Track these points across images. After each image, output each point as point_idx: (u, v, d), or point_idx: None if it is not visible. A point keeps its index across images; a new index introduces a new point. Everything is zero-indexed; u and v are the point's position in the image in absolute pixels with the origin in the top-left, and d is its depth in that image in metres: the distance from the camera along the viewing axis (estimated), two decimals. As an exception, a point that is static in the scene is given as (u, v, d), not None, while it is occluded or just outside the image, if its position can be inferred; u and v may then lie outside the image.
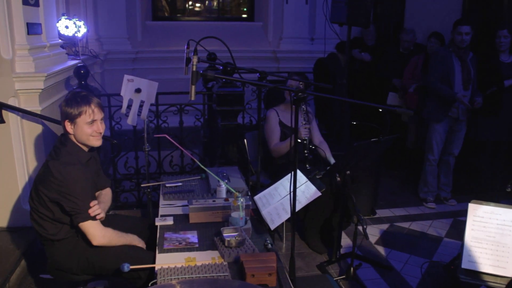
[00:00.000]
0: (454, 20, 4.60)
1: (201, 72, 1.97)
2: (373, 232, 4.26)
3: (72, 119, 2.38)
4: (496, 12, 5.32)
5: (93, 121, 2.41)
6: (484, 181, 5.07)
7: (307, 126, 3.83)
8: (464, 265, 2.74)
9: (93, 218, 2.37)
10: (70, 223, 2.41)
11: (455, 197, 4.98)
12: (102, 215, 2.46)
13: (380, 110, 4.32)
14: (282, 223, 3.07)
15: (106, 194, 2.76)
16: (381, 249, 3.99)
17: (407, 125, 5.50)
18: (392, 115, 5.20)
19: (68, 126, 2.40)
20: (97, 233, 2.40)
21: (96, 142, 2.47)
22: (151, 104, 3.52)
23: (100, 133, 2.47)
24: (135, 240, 2.58)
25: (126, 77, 3.43)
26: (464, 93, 4.50)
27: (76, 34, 4.99)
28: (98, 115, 2.44)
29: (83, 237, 2.43)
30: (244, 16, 7.54)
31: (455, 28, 4.48)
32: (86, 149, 2.50)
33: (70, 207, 2.31)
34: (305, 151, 3.81)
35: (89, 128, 2.41)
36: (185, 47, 2.86)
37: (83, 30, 5.21)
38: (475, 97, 4.51)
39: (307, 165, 3.73)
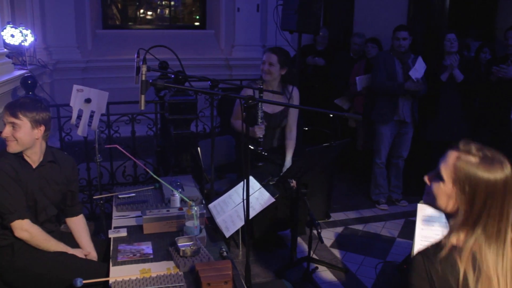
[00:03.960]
0: (400, 26, 4.79)
1: (151, 81, 1.95)
2: (328, 236, 4.33)
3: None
4: (439, 18, 5.53)
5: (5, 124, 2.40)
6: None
7: (262, 126, 3.82)
8: (415, 264, 2.82)
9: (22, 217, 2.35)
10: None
11: (406, 198, 5.12)
12: (94, 254, 2.53)
13: (331, 115, 4.40)
14: (238, 230, 3.08)
15: (78, 224, 2.76)
16: (336, 252, 4.06)
17: (357, 129, 5.64)
18: (342, 120, 5.31)
19: None
20: (23, 226, 2.38)
21: (9, 148, 2.41)
22: (102, 114, 3.46)
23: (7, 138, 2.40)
24: (75, 251, 2.55)
25: (75, 87, 3.36)
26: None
27: (22, 43, 4.84)
28: (8, 118, 2.39)
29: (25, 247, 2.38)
30: (197, 24, 7.53)
31: (394, 34, 4.70)
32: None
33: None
34: (259, 148, 3.84)
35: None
36: (136, 56, 2.83)
37: (30, 39, 5.06)
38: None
39: (259, 163, 3.74)
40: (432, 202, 1.50)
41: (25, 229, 2.38)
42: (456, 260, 1.35)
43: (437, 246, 1.42)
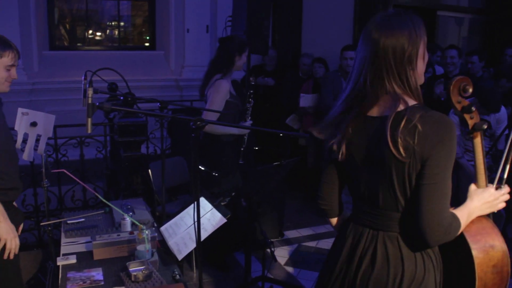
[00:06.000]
0: (346, 47, 4.95)
1: (98, 104, 1.93)
2: (282, 254, 4.36)
3: None
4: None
5: (11, 65, 2.42)
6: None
7: (251, 122, 3.98)
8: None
9: None
10: None
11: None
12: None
13: (281, 135, 4.48)
14: (191, 252, 3.06)
15: None
16: (291, 270, 4.09)
17: (307, 147, 5.74)
18: (292, 138, 5.40)
19: None
20: None
21: (7, 88, 2.50)
22: (49, 138, 3.38)
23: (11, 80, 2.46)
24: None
25: (20, 110, 3.27)
26: None
27: (-37, 66, 4.68)
28: (17, 62, 2.46)
29: None
30: (146, 44, 7.50)
31: (342, 54, 4.86)
32: None
33: None
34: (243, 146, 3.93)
35: (6, 72, 2.42)
36: (83, 78, 2.81)
37: (-29, 61, 4.90)
38: None
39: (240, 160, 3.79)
40: None
41: None
42: None
43: None
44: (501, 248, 1.69)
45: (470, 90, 1.62)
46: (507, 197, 1.72)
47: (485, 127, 1.63)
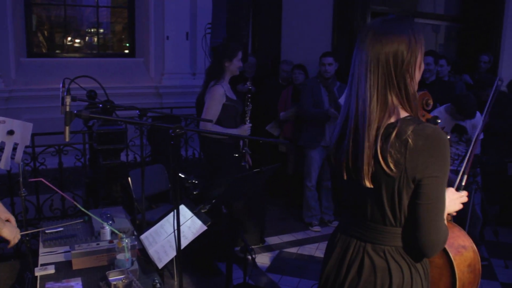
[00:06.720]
0: (324, 53, 5.00)
1: (75, 112, 1.92)
2: (264, 260, 4.36)
3: None
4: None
5: None
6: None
7: (250, 125, 4.07)
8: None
9: None
10: None
11: (338, 218, 5.27)
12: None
13: (261, 141, 4.51)
14: (172, 259, 3.04)
15: None
16: (272, 276, 4.10)
17: (287, 153, 5.76)
18: (272, 145, 5.42)
19: None
20: None
21: None
22: (27, 146, 3.34)
23: None
24: None
25: (-4, 118, 3.23)
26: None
27: None
28: None
29: None
30: (126, 51, 7.46)
31: (320, 60, 4.91)
32: None
33: None
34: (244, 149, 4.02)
35: None
36: (61, 86, 2.79)
37: None
38: None
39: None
40: None
41: None
42: None
43: None
44: (471, 248, 1.75)
45: (431, 103, 1.66)
46: (465, 199, 1.74)
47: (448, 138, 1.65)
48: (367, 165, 1.50)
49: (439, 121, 1.65)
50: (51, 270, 2.51)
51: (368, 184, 1.52)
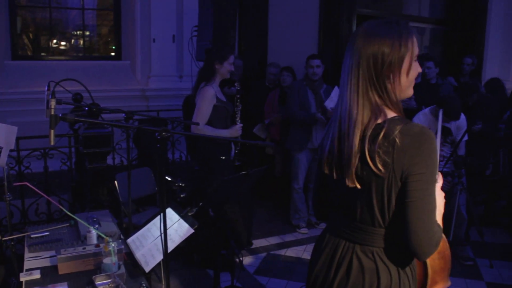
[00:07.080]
0: (311, 56, 5.02)
1: (60, 115, 1.91)
2: (251, 263, 4.36)
3: None
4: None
5: None
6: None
7: (241, 125, 4.12)
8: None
9: None
10: None
11: (326, 220, 5.29)
12: None
13: (248, 144, 4.51)
14: (159, 263, 3.03)
15: None
16: (260, 278, 4.10)
17: (274, 156, 5.78)
18: (259, 148, 5.43)
19: None
20: None
21: None
22: (11, 150, 3.31)
23: None
24: None
25: (-20, 122, 3.20)
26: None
27: None
28: None
29: None
30: (112, 54, 7.42)
31: (308, 62, 4.92)
32: None
33: None
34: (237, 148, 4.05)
35: None
36: (46, 89, 2.77)
37: None
38: None
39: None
40: None
41: None
42: None
43: None
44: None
45: None
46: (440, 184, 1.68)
47: None
48: (355, 166, 1.51)
49: None
50: (36, 275, 2.48)
51: (356, 185, 1.52)
